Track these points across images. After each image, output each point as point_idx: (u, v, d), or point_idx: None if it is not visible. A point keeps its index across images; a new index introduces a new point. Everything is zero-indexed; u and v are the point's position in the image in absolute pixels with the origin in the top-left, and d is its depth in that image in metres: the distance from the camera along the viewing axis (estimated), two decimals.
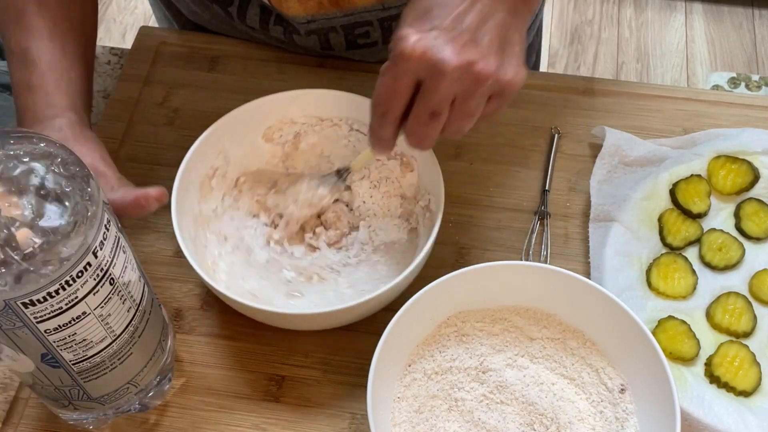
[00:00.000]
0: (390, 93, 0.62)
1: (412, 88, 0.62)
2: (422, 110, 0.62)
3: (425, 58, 0.60)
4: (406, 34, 0.60)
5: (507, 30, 0.63)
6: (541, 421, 0.65)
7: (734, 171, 0.78)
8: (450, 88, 0.61)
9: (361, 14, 0.83)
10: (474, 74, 0.60)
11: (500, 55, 0.62)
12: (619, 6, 2.36)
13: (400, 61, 0.61)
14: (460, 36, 0.60)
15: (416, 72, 0.61)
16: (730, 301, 0.72)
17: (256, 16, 0.87)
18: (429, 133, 0.63)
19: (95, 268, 0.53)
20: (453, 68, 0.59)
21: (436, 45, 0.60)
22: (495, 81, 0.61)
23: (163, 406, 0.69)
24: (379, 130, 0.65)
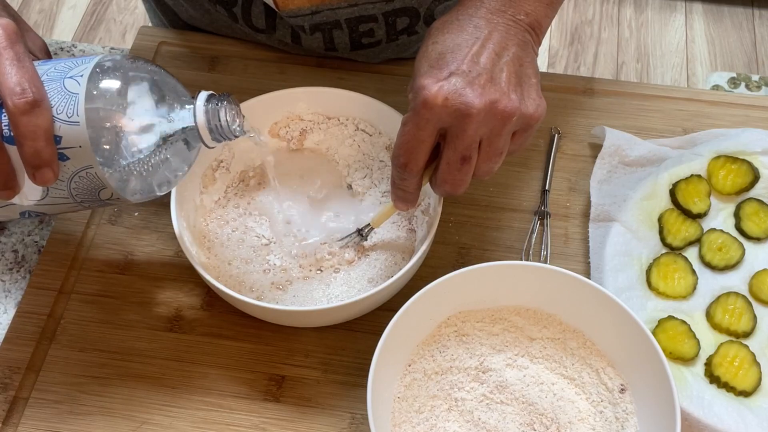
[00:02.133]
0: (413, 143, 0.62)
1: (435, 137, 0.62)
2: (452, 156, 0.62)
3: (449, 104, 0.60)
4: (425, 83, 0.61)
5: (521, 64, 0.63)
6: (541, 421, 0.65)
7: (734, 171, 0.78)
8: (477, 131, 0.61)
9: (365, 6, 0.83)
10: (499, 113, 0.60)
11: (519, 91, 0.62)
12: (619, 6, 2.36)
13: (424, 110, 0.60)
14: (478, 77, 0.61)
15: (440, 120, 0.61)
16: (730, 301, 0.72)
17: (261, 14, 0.87)
18: (462, 178, 0.63)
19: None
20: (478, 110, 0.60)
21: (457, 90, 0.60)
22: (519, 117, 0.62)
23: (164, 406, 0.69)
24: (403, 183, 0.65)
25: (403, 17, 0.86)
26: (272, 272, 0.74)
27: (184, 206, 0.72)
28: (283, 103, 0.78)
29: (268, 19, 0.87)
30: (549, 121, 0.86)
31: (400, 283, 0.69)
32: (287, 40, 0.89)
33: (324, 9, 0.83)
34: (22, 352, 0.71)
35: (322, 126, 0.80)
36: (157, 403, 0.70)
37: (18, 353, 0.72)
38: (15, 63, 0.57)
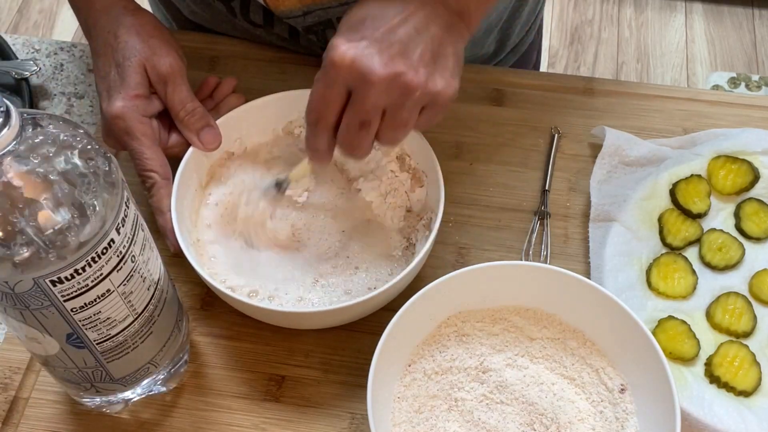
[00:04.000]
0: (321, 101, 0.63)
1: (343, 96, 0.63)
2: (352, 119, 0.63)
3: (354, 66, 0.61)
4: (337, 43, 0.62)
5: (440, 44, 0.64)
6: (541, 421, 0.65)
7: (734, 171, 0.78)
8: (378, 99, 0.61)
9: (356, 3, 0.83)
10: (402, 85, 0.61)
11: (431, 67, 0.62)
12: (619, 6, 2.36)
13: (331, 70, 0.62)
14: (390, 47, 0.61)
15: (346, 81, 0.61)
16: (730, 301, 0.72)
17: (259, 9, 0.87)
18: (360, 142, 0.64)
19: (118, 245, 0.55)
20: (380, 78, 0.60)
21: (365, 54, 0.61)
22: (424, 92, 0.62)
23: (164, 406, 0.69)
24: (313, 140, 0.66)
25: None
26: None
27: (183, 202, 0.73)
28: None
29: (266, 15, 0.87)
30: (549, 121, 0.86)
31: (400, 286, 0.69)
32: (285, 35, 0.89)
33: (315, 9, 0.83)
34: (22, 352, 0.71)
35: None
36: (157, 402, 0.70)
37: (18, 353, 0.72)
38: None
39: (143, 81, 0.73)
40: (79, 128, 0.54)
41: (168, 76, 0.74)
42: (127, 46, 0.73)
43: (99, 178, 0.53)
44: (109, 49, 0.74)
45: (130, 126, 0.72)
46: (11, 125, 0.48)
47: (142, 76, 0.73)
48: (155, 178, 0.72)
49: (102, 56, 0.74)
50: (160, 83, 0.74)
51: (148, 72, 0.73)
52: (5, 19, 2.33)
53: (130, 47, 0.73)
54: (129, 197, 0.56)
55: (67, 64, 0.92)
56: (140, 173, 0.72)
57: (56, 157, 0.51)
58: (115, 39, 0.74)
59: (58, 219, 0.50)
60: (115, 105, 0.72)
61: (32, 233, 0.50)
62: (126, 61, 0.73)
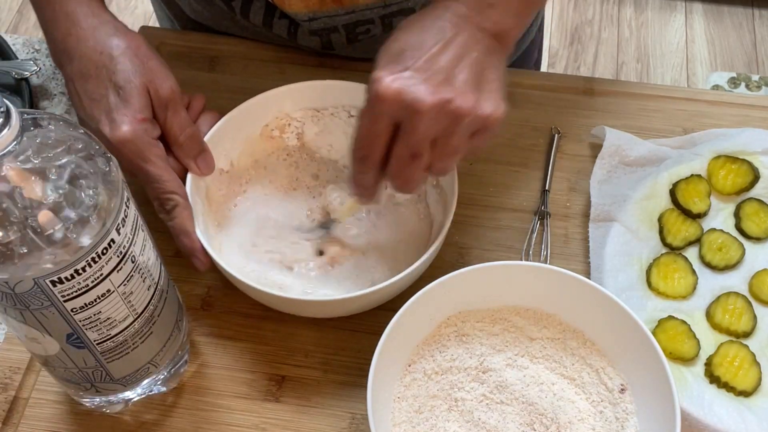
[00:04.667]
0: (368, 136, 0.62)
1: (390, 130, 0.61)
2: (402, 152, 0.61)
3: (400, 98, 0.59)
4: (380, 76, 0.60)
5: (483, 68, 0.62)
6: (541, 421, 0.65)
7: (734, 171, 0.78)
8: (428, 128, 0.60)
9: (362, 12, 0.83)
10: (451, 112, 0.60)
11: (477, 92, 0.61)
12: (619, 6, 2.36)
13: (376, 103, 0.60)
14: (434, 75, 0.60)
15: (392, 113, 0.60)
16: (730, 301, 0.72)
17: (260, 9, 0.87)
18: (412, 174, 0.63)
19: (118, 245, 0.54)
20: (429, 107, 0.59)
21: (410, 85, 0.59)
22: (474, 117, 0.61)
23: (164, 406, 0.69)
24: (360, 177, 0.64)
25: (400, 17, 0.86)
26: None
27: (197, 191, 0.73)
28: (270, 104, 0.78)
29: (265, 16, 0.87)
30: (549, 121, 0.86)
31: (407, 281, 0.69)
32: (284, 35, 0.89)
33: (321, 16, 0.83)
34: (22, 352, 0.71)
35: (314, 120, 0.80)
36: (157, 402, 0.70)
37: (18, 353, 0.72)
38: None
39: (148, 104, 0.70)
40: (79, 128, 0.54)
41: (169, 100, 0.71)
42: (127, 68, 0.70)
43: (99, 178, 0.53)
44: (103, 71, 0.70)
45: (143, 149, 0.69)
46: (11, 125, 0.48)
47: (146, 99, 0.70)
48: (177, 199, 0.69)
49: (93, 78, 0.70)
50: (161, 107, 0.71)
51: (151, 95, 0.71)
52: (5, 19, 2.33)
53: (131, 69, 0.70)
54: (129, 197, 0.56)
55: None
56: (160, 196, 0.70)
57: (56, 157, 0.51)
58: (111, 60, 0.70)
59: (58, 219, 0.50)
60: (122, 129, 0.68)
61: (32, 233, 0.50)
62: (128, 84, 0.69)
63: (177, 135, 0.72)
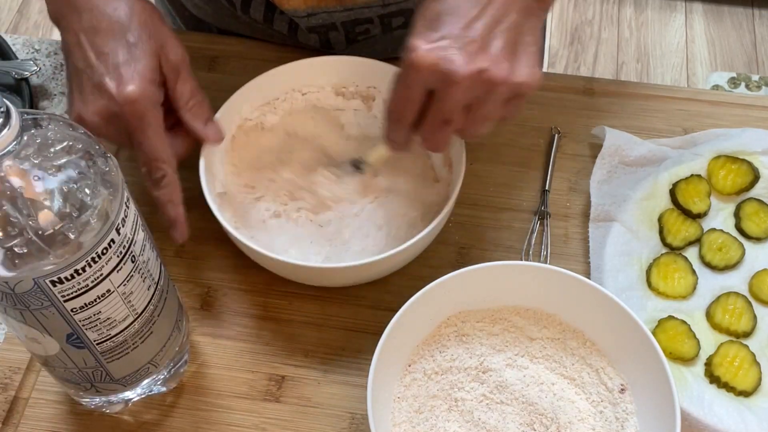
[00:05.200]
0: (402, 101, 0.64)
1: (423, 96, 0.63)
2: (435, 118, 0.63)
3: (436, 68, 0.60)
4: (417, 44, 0.61)
5: (520, 32, 0.63)
6: (541, 421, 0.65)
7: (734, 171, 0.78)
8: (462, 97, 0.61)
9: (361, 10, 0.83)
10: (486, 81, 0.60)
11: (512, 59, 0.62)
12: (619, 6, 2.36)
13: (412, 71, 0.61)
14: (470, 44, 0.60)
15: (427, 82, 0.61)
16: (730, 301, 0.72)
17: (260, 6, 0.87)
18: (442, 138, 0.65)
19: (118, 245, 0.54)
20: (463, 77, 0.60)
21: (446, 55, 0.60)
22: (508, 85, 0.61)
23: (164, 406, 0.69)
24: (393, 134, 0.66)
25: (399, 17, 0.86)
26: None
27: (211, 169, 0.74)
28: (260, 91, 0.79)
29: (266, 12, 0.87)
30: (549, 121, 0.86)
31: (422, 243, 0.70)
32: (285, 32, 0.89)
33: (319, 12, 0.83)
34: (22, 352, 0.71)
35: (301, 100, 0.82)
36: (157, 402, 0.70)
37: (18, 353, 0.72)
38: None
39: (157, 67, 0.69)
40: (79, 128, 0.54)
41: (180, 64, 0.70)
42: (140, 28, 0.68)
43: (99, 178, 0.53)
44: (116, 26, 0.68)
45: (145, 112, 0.66)
46: (11, 126, 0.48)
47: (156, 62, 0.69)
48: (165, 169, 0.69)
49: (104, 32, 0.68)
50: (171, 72, 0.70)
51: (161, 61, 0.69)
52: (5, 19, 2.33)
53: (144, 31, 0.68)
54: (129, 197, 0.56)
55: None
56: (150, 163, 0.68)
57: (56, 157, 0.51)
58: (126, 17, 0.68)
59: (58, 219, 0.50)
60: (129, 87, 0.66)
61: (32, 233, 0.50)
62: (141, 43, 0.68)
63: (187, 99, 0.71)
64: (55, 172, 0.51)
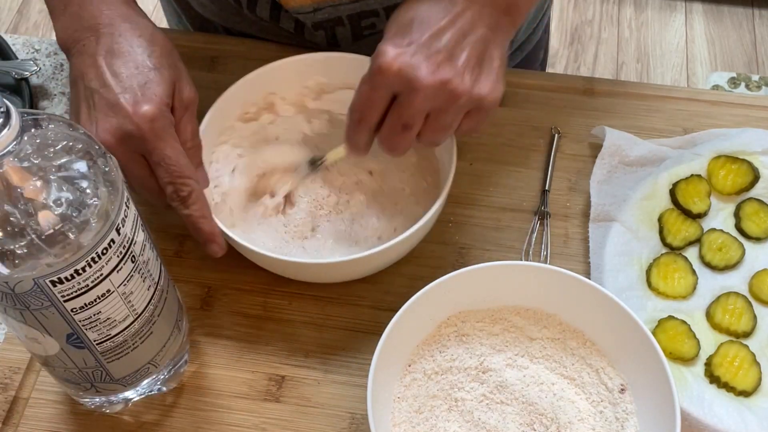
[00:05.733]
0: (366, 103, 0.65)
1: (387, 100, 0.64)
2: (395, 122, 0.64)
3: (401, 74, 0.62)
4: (385, 49, 0.63)
5: (487, 46, 0.64)
6: (541, 421, 0.65)
7: (734, 171, 0.78)
8: (423, 105, 0.63)
9: (366, 1, 0.83)
10: (448, 92, 0.62)
11: (476, 72, 0.63)
12: (619, 6, 2.36)
13: (378, 75, 0.63)
14: (437, 54, 0.62)
15: (392, 86, 0.63)
16: (730, 301, 0.72)
17: (267, 4, 0.87)
18: (400, 143, 0.66)
19: (118, 245, 0.54)
20: (426, 86, 0.61)
21: (411, 63, 0.62)
22: (469, 98, 0.63)
23: (164, 406, 0.69)
24: (354, 136, 0.67)
25: None
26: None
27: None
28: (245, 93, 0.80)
29: (272, 10, 0.87)
30: (549, 121, 0.86)
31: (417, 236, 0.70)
32: (291, 30, 0.89)
33: (326, 6, 0.83)
34: (22, 352, 0.71)
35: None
36: (157, 402, 0.70)
37: (18, 353, 0.72)
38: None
39: (171, 96, 0.68)
40: (79, 129, 0.54)
41: (189, 103, 0.70)
42: (161, 57, 0.68)
43: (99, 178, 0.53)
44: (139, 51, 0.67)
45: (164, 130, 0.66)
46: (11, 126, 0.48)
47: (172, 91, 0.68)
48: (192, 185, 0.67)
49: (125, 56, 0.67)
50: (181, 108, 0.69)
51: (174, 93, 0.69)
52: (5, 19, 2.33)
53: (164, 61, 0.68)
54: (129, 197, 0.56)
55: (67, 64, 0.92)
56: (175, 181, 0.67)
57: (56, 157, 0.51)
58: (150, 43, 0.69)
59: (58, 219, 0.50)
60: (147, 106, 0.65)
61: (32, 233, 0.50)
62: (162, 69, 0.68)
63: (186, 139, 0.70)
64: (55, 172, 0.51)
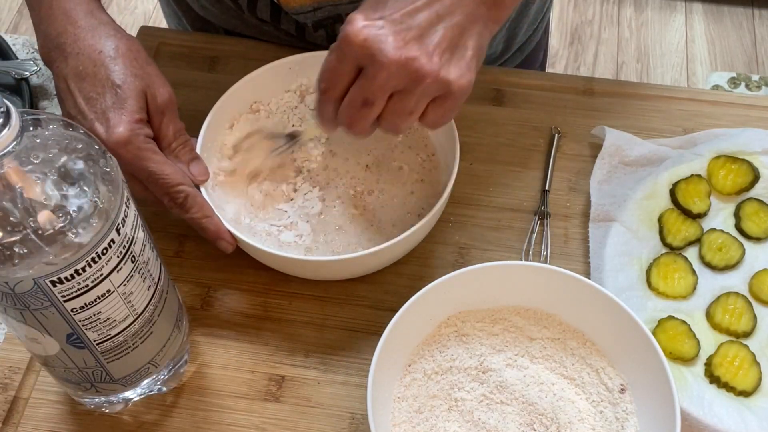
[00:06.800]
0: (332, 72, 0.63)
1: (352, 72, 0.62)
2: (356, 95, 0.62)
3: (366, 45, 0.60)
4: (354, 18, 0.61)
5: (461, 33, 0.62)
6: (541, 421, 0.65)
7: (734, 171, 0.78)
8: (387, 81, 0.60)
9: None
10: (413, 70, 0.60)
11: (446, 56, 0.61)
12: (619, 6, 2.36)
13: (344, 45, 0.61)
14: (406, 31, 0.60)
15: (357, 58, 0.61)
16: (730, 301, 0.72)
17: (266, 7, 0.87)
18: (359, 119, 0.63)
19: (118, 245, 0.54)
20: (391, 61, 0.59)
21: (379, 35, 0.60)
22: (435, 80, 0.60)
23: (164, 406, 0.69)
24: (321, 106, 0.66)
25: None
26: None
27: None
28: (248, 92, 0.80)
29: (273, 11, 0.87)
30: (549, 121, 0.86)
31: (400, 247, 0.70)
32: (292, 32, 0.89)
33: (326, 5, 0.83)
34: (22, 352, 0.71)
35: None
36: (157, 402, 0.70)
37: (18, 353, 0.72)
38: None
39: (143, 107, 0.69)
40: (79, 128, 0.54)
41: (166, 106, 0.71)
42: (126, 69, 0.69)
43: (99, 178, 0.53)
44: (101, 70, 0.68)
45: (142, 149, 0.67)
46: (11, 126, 0.48)
47: (143, 102, 0.69)
48: (186, 190, 0.69)
49: (90, 77, 0.69)
50: (157, 113, 0.70)
51: (147, 100, 0.70)
52: (5, 19, 2.33)
53: (130, 71, 0.69)
54: (129, 197, 0.56)
55: None
56: (169, 191, 0.68)
57: (56, 157, 0.51)
58: (110, 60, 0.69)
59: (58, 219, 0.50)
60: (117, 130, 0.67)
61: (32, 234, 0.50)
62: (126, 84, 0.68)
63: (171, 141, 0.71)
64: (55, 172, 0.51)
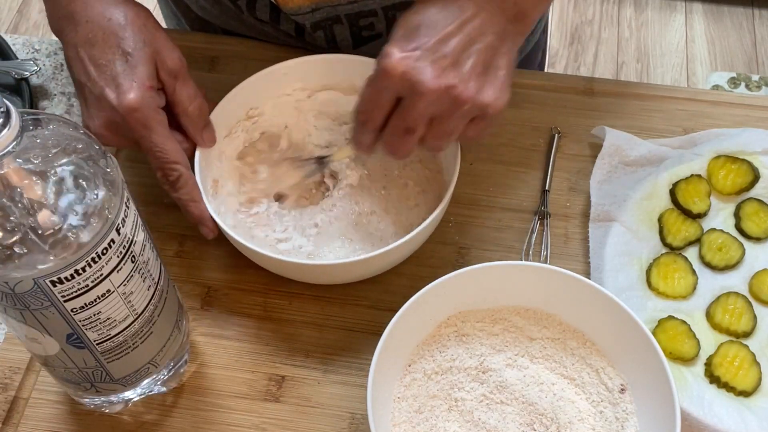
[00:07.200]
0: (371, 105, 0.65)
1: (392, 102, 0.64)
2: (398, 125, 0.65)
3: (405, 77, 0.62)
4: (391, 51, 0.63)
5: (493, 54, 0.64)
6: (541, 421, 0.65)
7: (734, 171, 0.78)
8: (426, 109, 0.63)
9: (365, 2, 0.83)
10: (452, 98, 0.62)
11: (482, 79, 0.63)
12: (619, 6, 2.36)
13: (383, 77, 0.63)
14: (442, 59, 0.62)
15: (396, 89, 0.63)
16: (730, 301, 0.72)
17: (266, 7, 0.87)
18: (402, 146, 0.66)
19: (118, 245, 0.54)
20: (431, 90, 0.61)
21: (417, 67, 0.62)
22: (473, 105, 0.63)
23: (164, 406, 0.69)
24: (360, 137, 0.68)
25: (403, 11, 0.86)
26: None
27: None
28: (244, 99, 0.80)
29: (272, 12, 0.87)
30: (549, 121, 0.86)
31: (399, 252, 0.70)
32: (291, 32, 0.89)
33: (324, 6, 0.83)
34: (22, 352, 0.71)
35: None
36: (157, 402, 0.70)
37: (18, 353, 0.72)
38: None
39: (154, 73, 0.70)
40: (79, 128, 0.54)
41: (178, 70, 0.72)
42: (136, 36, 0.70)
43: (99, 178, 0.53)
44: (112, 38, 0.69)
45: (149, 118, 0.68)
46: (11, 126, 0.48)
47: (153, 68, 0.70)
48: (180, 170, 0.70)
49: (100, 44, 0.69)
50: (170, 77, 0.71)
51: (157, 65, 0.70)
52: (5, 19, 2.33)
53: (139, 38, 0.70)
54: (129, 197, 0.56)
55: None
56: (163, 166, 0.69)
57: (56, 157, 0.51)
58: (120, 27, 0.69)
59: (58, 219, 0.50)
60: (128, 96, 0.67)
61: (32, 234, 0.50)
62: (137, 51, 0.69)
63: (186, 105, 0.72)
64: (55, 172, 0.51)
